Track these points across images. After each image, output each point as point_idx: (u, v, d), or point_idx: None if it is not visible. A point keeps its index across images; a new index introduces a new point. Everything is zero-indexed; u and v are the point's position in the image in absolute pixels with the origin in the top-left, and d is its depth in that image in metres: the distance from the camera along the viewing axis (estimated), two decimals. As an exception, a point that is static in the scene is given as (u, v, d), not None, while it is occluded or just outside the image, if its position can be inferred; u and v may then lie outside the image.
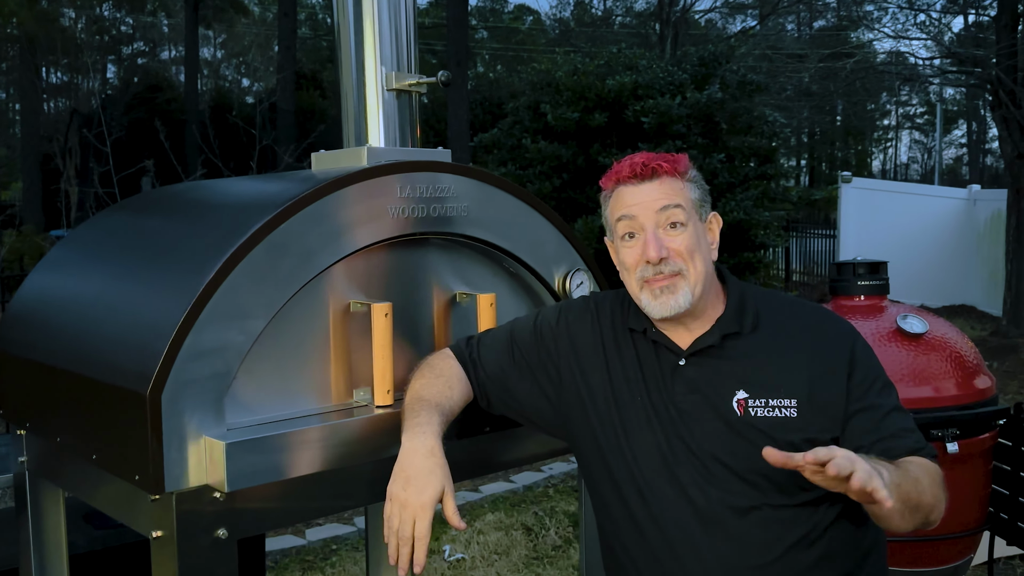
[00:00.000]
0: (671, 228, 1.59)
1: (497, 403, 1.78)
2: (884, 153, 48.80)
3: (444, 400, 1.67)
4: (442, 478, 1.52)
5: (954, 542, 2.97)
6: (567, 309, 1.80)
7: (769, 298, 1.69)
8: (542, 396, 1.75)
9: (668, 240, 1.59)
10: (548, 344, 1.75)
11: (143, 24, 28.98)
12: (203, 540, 1.50)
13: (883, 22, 20.80)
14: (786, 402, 1.55)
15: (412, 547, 1.49)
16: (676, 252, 1.59)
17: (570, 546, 4.73)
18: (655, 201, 1.60)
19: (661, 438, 1.60)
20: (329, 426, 1.62)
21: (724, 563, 1.55)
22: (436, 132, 19.43)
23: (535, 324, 1.79)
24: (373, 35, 1.91)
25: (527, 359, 1.75)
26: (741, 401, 1.57)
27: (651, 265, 1.58)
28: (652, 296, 1.60)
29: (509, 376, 1.75)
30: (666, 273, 1.58)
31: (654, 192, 1.60)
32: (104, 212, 2.31)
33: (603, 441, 1.65)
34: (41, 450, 1.97)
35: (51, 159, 13.72)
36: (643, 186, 1.61)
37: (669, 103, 9.52)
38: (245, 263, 1.54)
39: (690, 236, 1.60)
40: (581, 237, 9.47)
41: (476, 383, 1.76)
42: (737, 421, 1.56)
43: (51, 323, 1.91)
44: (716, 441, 1.57)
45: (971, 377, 2.94)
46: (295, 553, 4.66)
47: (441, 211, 1.83)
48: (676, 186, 1.61)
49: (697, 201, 1.64)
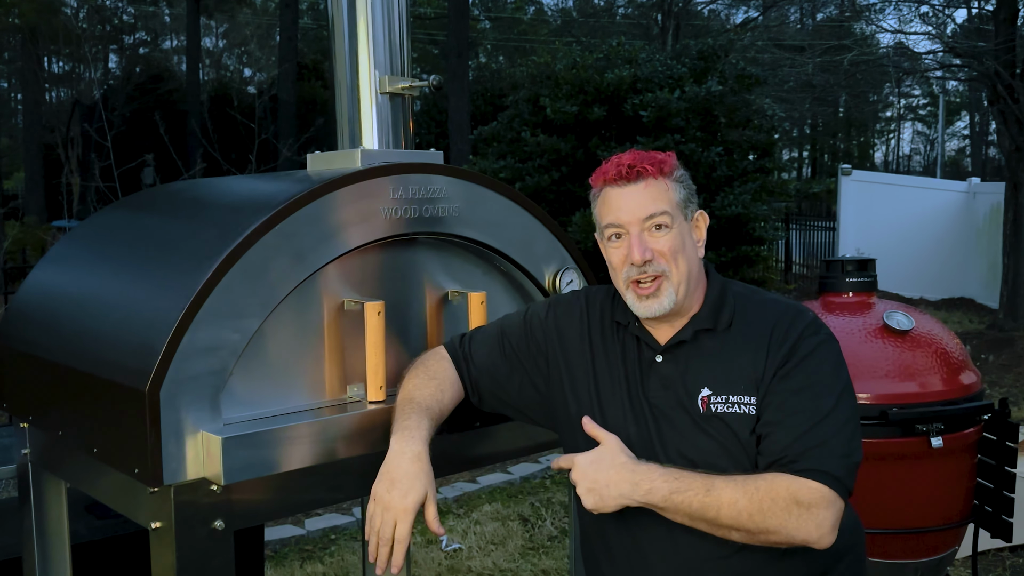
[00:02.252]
0: (656, 230, 1.63)
1: (488, 397, 1.82)
2: (886, 145, 48.73)
3: (435, 404, 1.72)
4: (426, 484, 1.57)
5: (939, 534, 3.02)
6: (556, 303, 1.84)
7: (749, 296, 1.72)
8: (531, 387, 1.79)
9: (652, 242, 1.63)
10: (537, 336, 1.80)
11: (145, 14, 28.94)
12: (200, 531, 1.55)
13: (886, 13, 20.77)
14: (745, 399, 1.58)
15: (392, 548, 1.55)
16: (660, 253, 1.62)
17: (566, 536, 4.79)
18: (640, 207, 1.63)
19: (634, 431, 1.65)
20: (323, 421, 1.67)
21: (686, 554, 1.61)
22: (437, 123, 19.41)
23: (525, 318, 1.84)
24: (367, 40, 1.96)
25: (517, 352, 1.80)
26: (704, 398, 1.61)
27: (635, 266, 1.63)
28: (637, 299, 1.64)
29: (500, 369, 1.80)
30: (650, 274, 1.62)
31: (639, 196, 1.63)
32: (105, 209, 2.35)
33: (581, 433, 1.69)
34: (43, 443, 2.02)
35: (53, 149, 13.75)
36: (628, 188, 1.64)
37: (668, 97, 9.54)
38: (241, 263, 1.59)
39: (674, 237, 1.63)
40: (579, 230, 9.44)
41: (468, 379, 1.81)
42: (700, 417, 1.60)
43: (53, 319, 1.95)
44: (682, 437, 1.61)
45: (957, 373, 2.99)
46: (294, 543, 4.72)
47: (433, 212, 1.87)
48: (661, 188, 1.64)
49: (682, 202, 1.67)
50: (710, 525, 1.52)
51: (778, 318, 1.64)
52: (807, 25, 31.11)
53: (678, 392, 1.64)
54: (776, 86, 19.27)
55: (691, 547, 1.60)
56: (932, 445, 2.84)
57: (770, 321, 1.63)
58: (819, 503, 1.49)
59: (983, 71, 10.68)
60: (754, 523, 1.49)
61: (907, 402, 2.88)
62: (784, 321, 1.63)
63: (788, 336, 1.60)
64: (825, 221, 16.02)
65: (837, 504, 1.51)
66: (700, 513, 1.51)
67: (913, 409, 2.86)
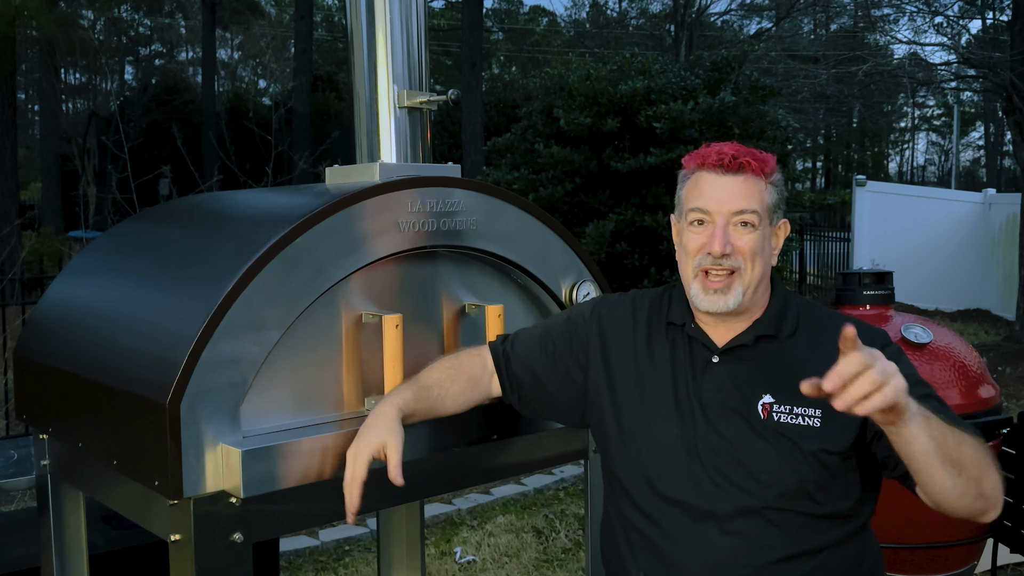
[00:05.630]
0: (742, 227, 1.59)
1: (529, 394, 1.80)
2: (901, 155, 48.58)
3: (433, 383, 1.73)
4: (384, 432, 1.59)
5: (958, 549, 3.00)
6: (602, 303, 1.84)
7: (812, 308, 1.70)
8: (571, 384, 1.78)
9: (735, 238, 1.58)
10: (581, 334, 1.79)
11: (161, 25, 29.19)
12: (219, 543, 1.56)
13: (900, 23, 20.73)
14: (810, 411, 1.55)
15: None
16: (740, 251, 1.58)
17: (580, 549, 4.77)
18: (733, 199, 1.58)
19: (677, 432, 1.62)
20: (342, 434, 1.67)
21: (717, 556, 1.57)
22: (451, 134, 19.48)
23: (569, 317, 1.84)
24: (386, 54, 1.97)
25: (559, 348, 1.79)
26: (766, 405, 1.57)
27: (712, 256, 1.59)
28: (703, 290, 1.60)
29: (540, 366, 1.79)
30: (724, 267, 1.58)
31: (735, 188, 1.59)
32: (125, 222, 2.37)
33: (620, 431, 1.68)
34: (62, 454, 2.04)
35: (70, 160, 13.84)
36: (726, 178, 1.59)
37: (681, 108, 9.54)
38: (261, 277, 1.60)
39: (757, 238, 1.59)
40: (592, 242, 9.43)
41: (506, 376, 1.80)
42: (759, 424, 1.57)
43: (73, 331, 1.97)
44: (734, 440, 1.58)
45: (975, 386, 2.97)
46: (308, 554, 4.72)
47: (451, 225, 1.88)
48: (758, 187, 1.60)
49: (773, 205, 1.63)
50: (956, 464, 1.39)
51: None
52: (821, 36, 31.10)
53: (733, 395, 1.61)
54: (790, 97, 19.25)
55: (727, 549, 1.57)
56: (951, 459, 2.81)
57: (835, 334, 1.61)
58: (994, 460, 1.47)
59: (998, 82, 10.65)
60: (983, 462, 1.43)
61: (925, 416, 2.86)
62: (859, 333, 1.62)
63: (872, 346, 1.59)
64: (840, 232, 15.95)
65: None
66: (956, 451, 1.39)
67: (931, 423, 2.83)
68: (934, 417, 1.37)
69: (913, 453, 1.37)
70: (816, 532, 1.57)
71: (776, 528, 1.56)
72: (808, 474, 1.54)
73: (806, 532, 1.56)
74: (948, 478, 1.39)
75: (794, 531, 1.56)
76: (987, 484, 1.43)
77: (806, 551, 1.56)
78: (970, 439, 1.42)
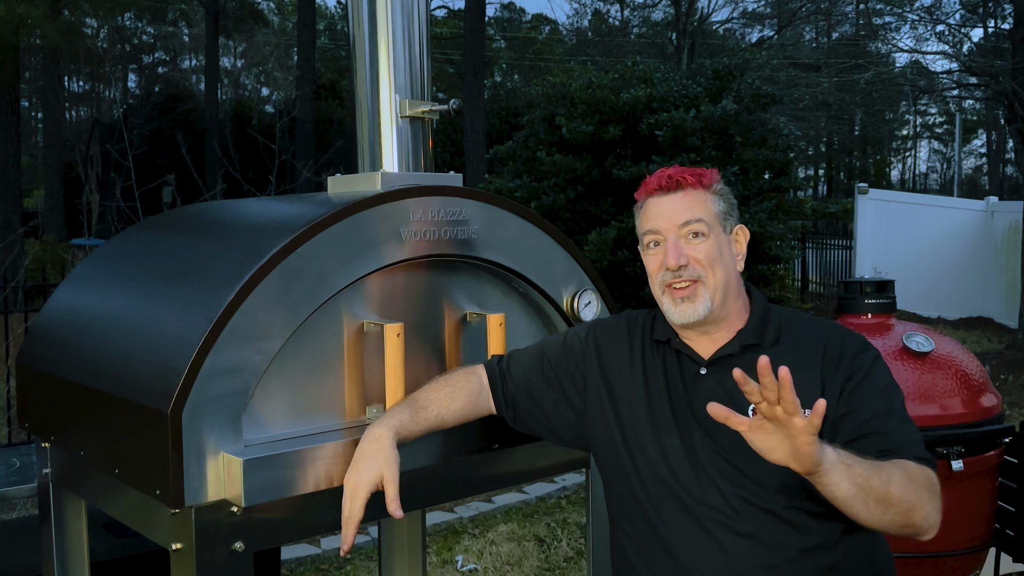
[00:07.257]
0: (693, 238, 1.67)
1: (524, 414, 1.84)
2: (903, 163, 48.55)
3: (431, 403, 1.74)
4: (381, 463, 1.60)
5: (960, 558, 2.99)
6: (597, 325, 1.88)
7: (791, 316, 1.76)
8: (567, 405, 1.82)
9: (688, 249, 1.66)
10: (576, 356, 1.83)
11: (164, 33, 29.27)
12: (221, 552, 1.56)
13: (902, 31, 20.75)
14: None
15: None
16: (695, 260, 1.66)
17: (582, 557, 4.77)
18: (677, 214, 1.67)
19: (677, 443, 1.66)
20: (343, 443, 1.67)
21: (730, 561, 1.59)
22: (453, 142, 19.50)
23: (564, 339, 1.88)
24: (388, 64, 1.97)
25: (555, 369, 1.83)
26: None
27: (670, 271, 1.66)
28: (673, 303, 1.67)
29: (536, 386, 1.82)
30: (685, 278, 1.65)
31: (677, 204, 1.68)
32: (128, 230, 2.37)
33: (621, 448, 1.71)
34: (64, 462, 2.04)
35: (73, 168, 13.87)
36: (668, 198, 1.69)
37: (683, 116, 9.54)
38: (263, 286, 1.60)
39: (711, 246, 1.67)
40: (594, 249, 9.42)
41: (503, 395, 1.83)
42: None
43: (75, 340, 1.97)
44: (731, 449, 1.61)
45: (977, 395, 2.97)
46: (310, 562, 4.72)
47: (452, 234, 1.89)
48: (700, 198, 1.68)
49: (721, 214, 1.70)
50: (880, 500, 1.44)
51: (828, 337, 1.67)
52: (823, 44, 31.12)
53: (726, 403, 1.62)
54: (792, 105, 19.26)
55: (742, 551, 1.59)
56: (953, 468, 2.81)
57: (821, 340, 1.67)
58: (936, 486, 1.52)
59: (1000, 90, 10.66)
60: (912, 496, 1.46)
61: (927, 425, 2.87)
62: (835, 340, 1.67)
63: (844, 354, 1.64)
64: (842, 239, 15.93)
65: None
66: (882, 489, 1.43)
67: (933, 432, 2.84)
68: (858, 464, 1.41)
69: (835, 498, 1.43)
70: (827, 526, 1.59)
71: (788, 526, 1.59)
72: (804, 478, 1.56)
73: (816, 527, 1.59)
74: (872, 515, 1.44)
75: (805, 527, 1.59)
76: (917, 516, 1.47)
77: (820, 545, 1.59)
78: (899, 477, 1.46)
